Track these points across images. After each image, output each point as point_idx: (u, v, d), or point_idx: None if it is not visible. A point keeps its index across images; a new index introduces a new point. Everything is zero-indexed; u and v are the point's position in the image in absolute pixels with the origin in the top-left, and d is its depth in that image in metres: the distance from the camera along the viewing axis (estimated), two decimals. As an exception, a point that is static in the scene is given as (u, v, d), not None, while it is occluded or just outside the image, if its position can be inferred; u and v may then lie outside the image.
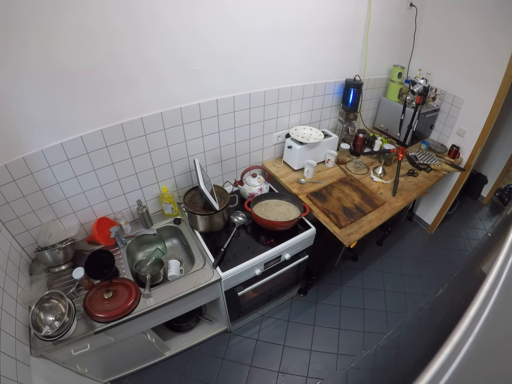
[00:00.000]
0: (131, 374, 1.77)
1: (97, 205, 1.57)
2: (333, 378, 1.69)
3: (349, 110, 2.08)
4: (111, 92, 1.30)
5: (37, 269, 1.46)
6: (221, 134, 1.75)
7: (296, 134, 1.93)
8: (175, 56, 1.37)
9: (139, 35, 1.24)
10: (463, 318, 0.47)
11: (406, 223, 2.94)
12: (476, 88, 2.05)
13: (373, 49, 2.03)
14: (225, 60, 1.52)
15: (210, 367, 1.83)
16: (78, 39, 1.13)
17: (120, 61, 1.25)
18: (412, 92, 1.82)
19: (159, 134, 1.53)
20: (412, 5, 2.03)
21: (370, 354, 1.12)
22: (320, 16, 1.68)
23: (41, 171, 1.31)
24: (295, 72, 1.80)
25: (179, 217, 1.76)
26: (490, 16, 1.84)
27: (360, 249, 2.58)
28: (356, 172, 2.05)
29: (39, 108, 1.19)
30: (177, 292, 1.39)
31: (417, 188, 1.93)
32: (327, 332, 2.03)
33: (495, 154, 3.04)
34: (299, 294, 2.24)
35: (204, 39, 1.40)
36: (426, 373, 0.43)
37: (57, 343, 1.19)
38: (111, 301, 1.30)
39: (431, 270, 2.46)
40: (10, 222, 1.35)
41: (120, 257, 1.54)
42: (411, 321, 1.10)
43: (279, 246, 1.60)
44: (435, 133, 2.47)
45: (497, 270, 0.53)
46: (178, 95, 1.48)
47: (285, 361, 1.87)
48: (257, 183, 1.81)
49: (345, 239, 1.55)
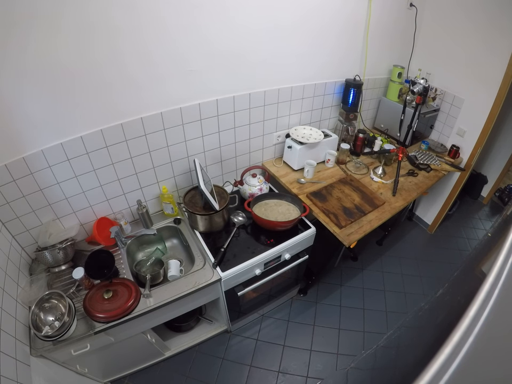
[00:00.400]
0: (131, 374, 1.77)
1: (97, 205, 1.57)
2: (333, 378, 1.69)
3: (349, 110, 2.08)
4: (111, 91, 1.30)
5: (37, 269, 1.46)
6: (221, 134, 1.75)
7: (296, 134, 1.93)
8: (175, 56, 1.37)
9: (139, 35, 1.24)
10: (463, 318, 0.47)
11: (406, 223, 2.94)
12: (476, 88, 2.05)
13: (373, 49, 2.03)
14: (225, 59, 1.51)
15: (210, 367, 1.83)
16: (77, 38, 1.13)
17: (120, 60, 1.25)
18: (412, 92, 1.82)
19: (159, 134, 1.53)
20: (411, 5, 2.03)
21: (370, 354, 1.13)
22: (320, 16, 1.68)
23: (41, 171, 1.31)
24: (295, 72, 1.80)
25: (179, 217, 1.76)
26: (491, 16, 1.84)
27: (360, 249, 2.58)
28: (356, 172, 2.05)
29: (39, 108, 1.19)
30: (177, 292, 1.39)
31: (417, 188, 1.93)
32: (327, 331, 2.03)
33: (495, 154, 3.04)
34: (299, 294, 2.24)
35: (203, 38, 1.40)
36: (426, 373, 0.43)
37: (57, 343, 1.19)
38: (111, 301, 1.30)
39: (431, 270, 2.46)
40: (10, 222, 1.35)
41: (120, 257, 1.54)
42: (411, 321, 1.10)
43: (279, 246, 1.60)
44: (435, 133, 2.47)
45: (497, 270, 0.53)
46: (178, 95, 1.48)
47: (285, 361, 1.87)
48: (257, 183, 1.81)
49: (345, 239, 1.55)
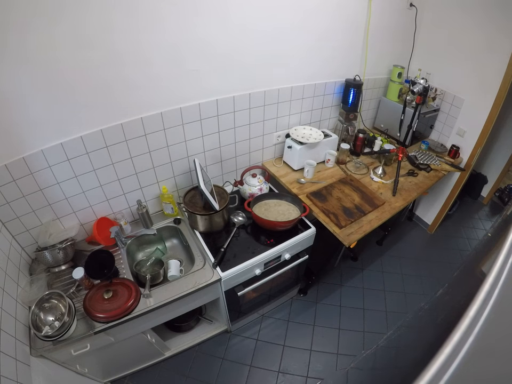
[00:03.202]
0: (131, 374, 1.77)
1: (97, 205, 1.57)
2: (333, 378, 1.70)
3: (349, 110, 2.08)
4: (110, 92, 1.30)
5: (37, 269, 1.46)
6: (221, 134, 1.75)
7: (296, 134, 1.93)
8: (174, 56, 1.37)
9: (139, 35, 1.24)
10: (463, 318, 0.47)
11: (406, 223, 2.94)
12: (476, 88, 2.05)
13: (373, 49, 2.03)
14: (225, 59, 1.51)
15: (210, 367, 1.83)
16: (77, 38, 1.13)
17: (119, 60, 1.25)
18: (412, 92, 1.82)
19: (159, 134, 1.53)
20: (411, 5, 2.03)
21: (370, 354, 1.13)
22: (320, 16, 1.68)
23: (41, 171, 1.31)
24: (295, 72, 1.80)
25: (179, 217, 1.76)
26: (490, 16, 1.84)
27: (360, 249, 2.58)
28: (356, 172, 2.05)
29: (39, 108, 1.19)
30: (177, 292, 1.39)
31: (417, 188, 1.93)
32: (327, 331, 2.03)
33: (495, 154, 3.04)
34: (299, 294, 2.24)
35: (203, 39, 1.39)
36: (426, 373, 0.43)
37: (57, 343, 1.19)
38: (111, 301, 1.30)
39: (431, 270, 2.46)
40: (10, 222, 1.35)
41: (120, 257, 1.54)
42: (411, 321, 1.10)
43: (279, 246, 1.60)
44: (435, 133, 2.47)
45: (497, 270, 0.53)
46: (178, 95, 1.48)
47: (285, 361, 1.87)
48: (257, 183, 1.81)
49: (345, 239, 1.55)
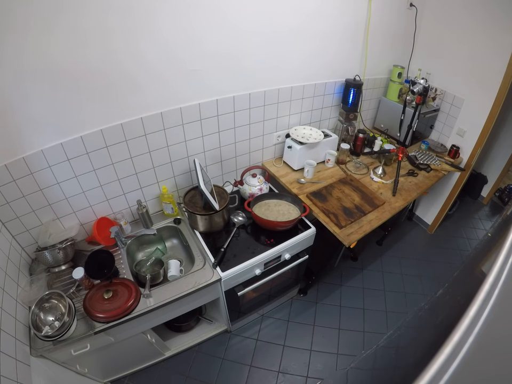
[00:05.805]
0: (131, 374, 1.77)
1: (97, 205, 1.57)
2: (333, 378, 1.70)
3: (349, 110, 2.08)
4: (110, 92, 1.30)
5: (37, 269, 1.46)
6: (221, 134, 1.75)
7: (296, 134, 1.93)
8: (174, 57, 1.37)
9: (138, 35, 1.24)
10: (463, 318, 0.47)
11: (406, 223, 2.94)
12: (476, 88, 2.05)
13: (373, 49, 2.03)
14: (225, 60, 1.51)
15: (210, 367, 1.83)
16: (76, 39, 1.13)
17: (119, 61, 1.25)
18: (412, 92, 1.82)
19: (159, 134, 1.53)
20: (411, 5, 2.03)
21: (370, 354, 1.13)
22: (320, 16, 1.68)
23: (41, 171, 1.31)
24: (295, 72, 1.80)
25: (179, 217, 1.76)
26: (491, 15, 1.84)
27: (360, 249, 2.58)
28: (356, 172, 2.05)
29: (39, 108, 1.19)
30: (177, 292, 1.39)
31: (417, 188, 1.93)
32: (327, 331, 2.02)
33: (495, 154, 3.04)
34: (299, 294, 2.24)
35: (203, 39, 1.40)
36: (426, 373, 0.43)
37: (57, 343, 1.19)
38: (111, 301, 1.30)
39: (431, 270, 2.46)
40: (10, 222, 1.35)
41: (120, 257, 1.54)
42: (411, 321, 1.10)
43: (279, 246, 1.60)
44: (435, 133, 2.47)
45: (497, 270, 0.53)
46: (178, 95, 1.48)
47: (285, 361, 1.87)
48: (257, 183, 1.81)
49: (345, 239, 1.55)
